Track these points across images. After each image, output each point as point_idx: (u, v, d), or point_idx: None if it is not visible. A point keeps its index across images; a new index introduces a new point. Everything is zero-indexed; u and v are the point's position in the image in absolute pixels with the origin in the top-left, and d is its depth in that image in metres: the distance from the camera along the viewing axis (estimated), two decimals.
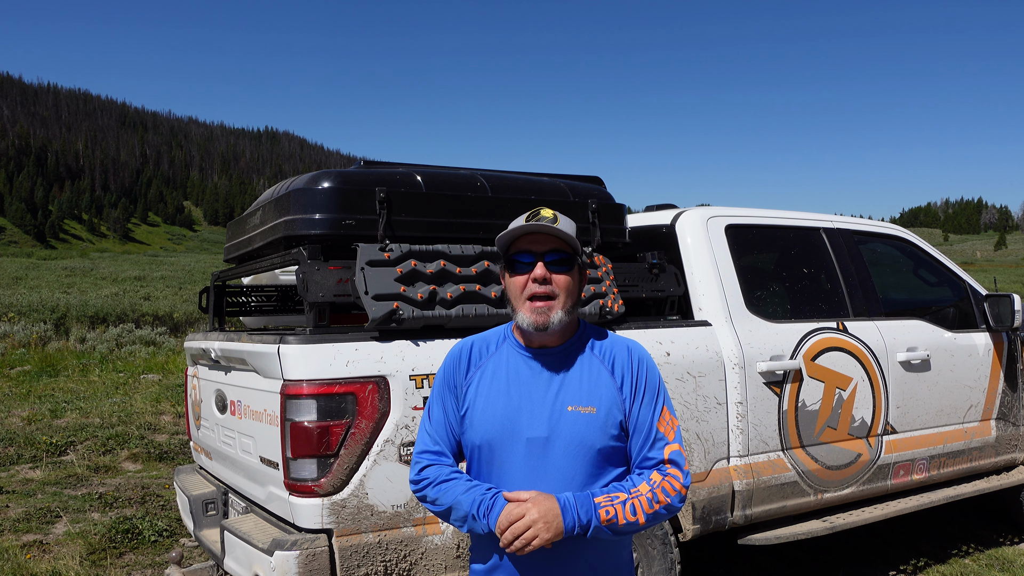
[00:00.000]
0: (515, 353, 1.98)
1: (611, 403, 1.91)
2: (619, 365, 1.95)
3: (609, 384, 1.93)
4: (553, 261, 1.90)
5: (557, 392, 1.91)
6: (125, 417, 8.92)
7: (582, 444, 1.87)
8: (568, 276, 1.92)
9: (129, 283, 41.24)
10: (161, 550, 5.11)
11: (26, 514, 5.72)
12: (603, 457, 1.90)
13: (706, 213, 4.03)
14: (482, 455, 1.94)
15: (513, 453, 1.89)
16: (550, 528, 1.76)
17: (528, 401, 1.91)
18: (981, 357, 4.72)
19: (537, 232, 1.91)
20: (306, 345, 2.89)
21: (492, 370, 1.97)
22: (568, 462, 1.87)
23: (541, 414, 1.89)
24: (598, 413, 1.89)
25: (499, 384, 1.94)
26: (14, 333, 16.95)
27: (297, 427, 2.84)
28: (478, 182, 3.42)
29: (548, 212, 1.94)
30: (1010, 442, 4.88)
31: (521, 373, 1.94)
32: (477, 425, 1.93)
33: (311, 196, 3.13)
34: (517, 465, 1.89)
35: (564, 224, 1.92)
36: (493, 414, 1.92)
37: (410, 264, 3.03)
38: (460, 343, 2.07)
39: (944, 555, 4.95)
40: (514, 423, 1.89)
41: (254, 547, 2.94)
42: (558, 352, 1.95)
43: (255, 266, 3.71)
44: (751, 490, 3.71)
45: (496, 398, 1.93)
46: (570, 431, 1.87)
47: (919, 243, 4.92)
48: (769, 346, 3.83)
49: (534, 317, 1.88)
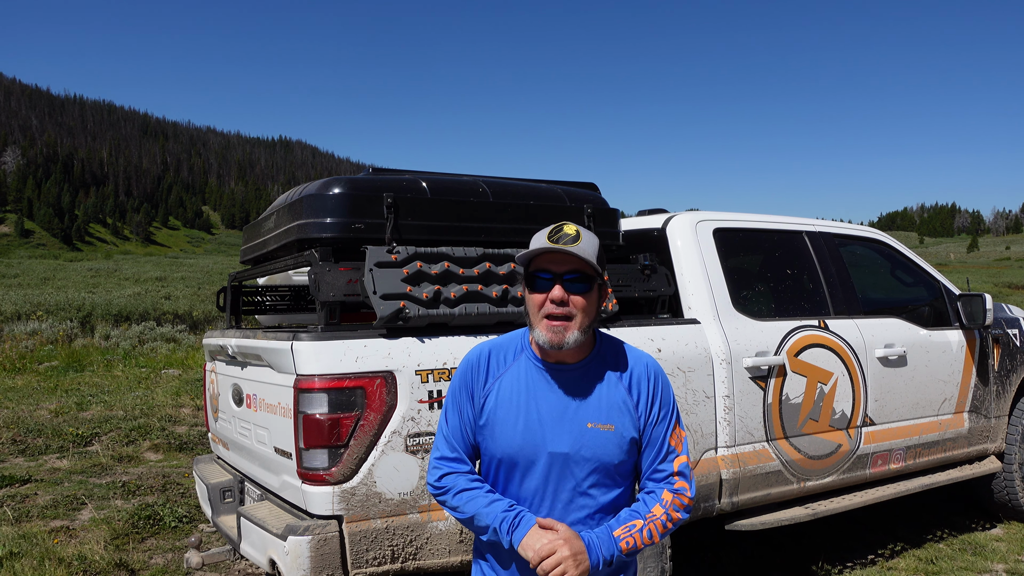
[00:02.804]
0: (533, 366, 1.92)
1: (627, 420, 1.89)
2: (635, 382, 1.92)
3: (626, 401, 1.90)
4: (571, 280, 1.82)
5: (576, 409, 1.87)
6: (147, 410, 8.92)
7: (600, 460, 1.86)
8: (586, 296, 1.84)
9: (151, 283, 41.22)
10: (181, 535, 5.11)
11: (54, 501, 5.72)
12: (617, 471, 1.90)
13: (695, 217, 4.03)
14: (502, 468, 1.91)
15: (533, 467, 1.87)
16: (579, 567, 1.76)
17: (548, 417, 1.87)
18: (955, 353, 4.71)
19: (558, 252, 1.81)
20: (318, 342, 2.89)
21: (511, 382, 1.91)
22: (585, 477, 1.87)
23: (561, 431, 1.85)
24: (616, 430, 1.87)
25: (519, 398, 1.89)
26: (42, 331, 16.94)
27: (309, 419, 2.84)
28: (480, 188, 3.42)
29: (571, 228, 1.83)
30: (982, 433, 4.87)
31: (540, 388, 1.89)
32: (499, 438, 1.89)
33: (323, 201, 3.13)
34: (536, 479, 1.87)
35: (586, 243, 1.81)
36: (514, 429, 1.87)
37: (416, 265, 3.03)
38: (477, 350, 1.99)
39: (920, 540, 4.95)
40: (535, 438, 1.86)
41: (269, 532, 2.93)
42: (576, 368, 1.90)
43: (270, 267, 3.71)
44: (738, 479, 3.70)
45: (517, 412, 1.88)
46: (590, 448, 1.85)
47: (896, 245, 4.92)
48: (755, 343, 3.82)
49: (550, 336, 1.82)
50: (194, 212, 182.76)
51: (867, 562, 4.56)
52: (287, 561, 2.80)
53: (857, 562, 4.55)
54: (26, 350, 14.36)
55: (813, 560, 4.53)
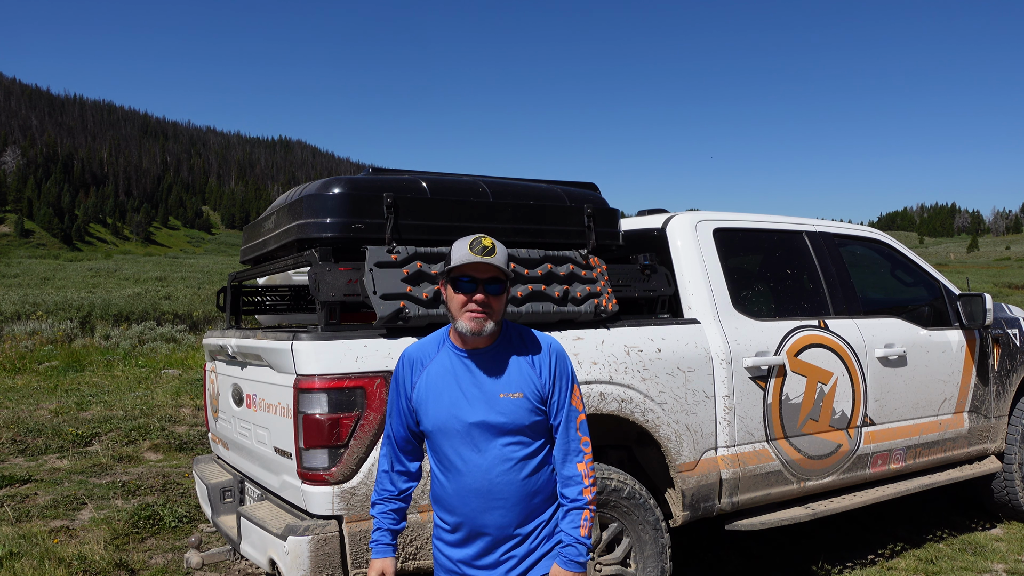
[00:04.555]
0: (454, 354, 2.30)
1: (532, 387, 2.26)
2: (537, 358, 2.30)
3: (530, 373, 2.27)
4: (490, 284, 2.22)
5: (491, 384, 2.25)
6: (147, 410, 8.92)
7: (514, 424, 2.23)
8: (500, 296, 2.25)
9: (151, 283, 41.22)
10: (181, 535, 5.10)
11: (54, 501, 5.72)
12: (531, 431, 2.26)
13: (695, 217, 4.03)
14: (435, 438, 2.29)
15: (461, 435, 2.24)
16: None
17: (467, 392, 2.25)
18: (954, 353, 4.71)
19: (480, 263, 2.20)
20: (318, 342, 2.89)
21: (437, 369, 2.30)
22: (503, 436, 2.23)
23: (479, 402, 2.23)
24: (524, 397, 2.24)
25: (443, 380, 2.28)
26: (42, 331, 16.93)
27: (309, 419, 2.84)
28: (480, 188, 3.42)
29: (488, 242, 2.23)
30: (982, 433, 4.87)
31: (459, 370, 2.28)
32: (430, 414, 2.27)
33: (323, 201, 3.13)
34: (466, 444, 2.24)
35: (500, 254, 2.23)
36: (440, 404, 2.26)
37: (416, 265, 3.03)
38: (407, 351, 2.37)
39: (919, 540, 4.94)
40: (459, 411, 2.24)
41: (269, 532, 2.94)
42: (487, 351, 2.28)
43: (270, 267, 3.71)
44: (737, 479, 3.70)
45: (441, 392, 2.27)
46: (504, 414, 2.23)
47: (896, 245, 4.92)
48: (755, 343, 3.82)
49: (472, 324, 2.20)
50: (194, 212, 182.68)
51: (867, 562, 4.56)
52: (287, 561, 2.80)
53: (857, 562, 4.55)
54: (26, 350, 14.36)
55: (813, 560, 4.53)
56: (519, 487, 2.25)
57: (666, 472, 3.56)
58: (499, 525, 2.25)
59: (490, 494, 2.23)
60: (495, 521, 2.25)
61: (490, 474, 2.23)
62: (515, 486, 2.24)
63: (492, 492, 2.23)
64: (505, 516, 2.25)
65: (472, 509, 2.26)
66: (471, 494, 2.25)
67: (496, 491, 2.23)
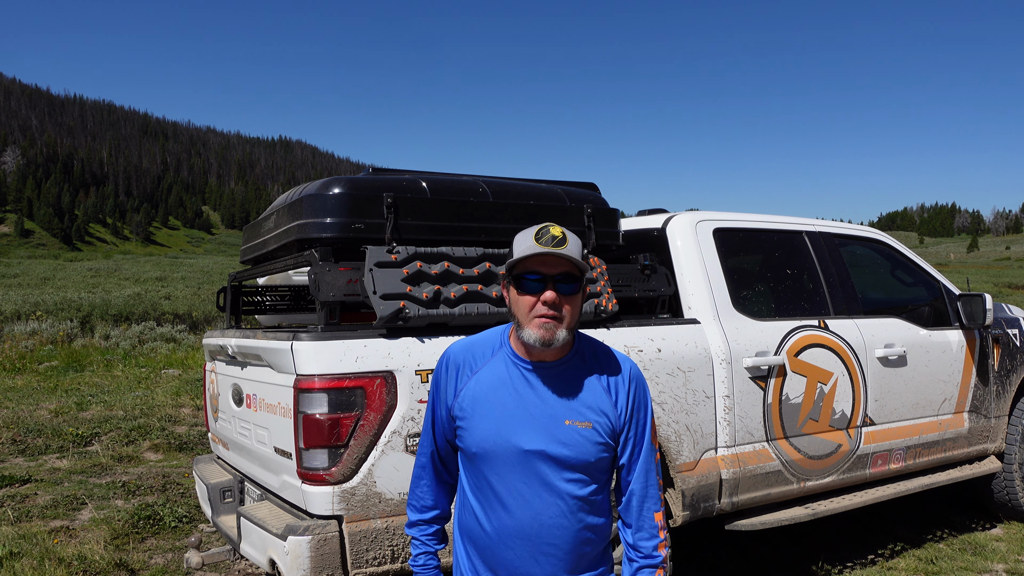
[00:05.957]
0: (512, 363, 1.92)
1: (604, 418, 1.89)
2: (613, 381, 1.93)
3: (603, 400, 1.90)
4: (562, 282, 1.83)
5: (555, 406, 1.87)
6: (147, 410, 8.92)
7: (578, 459, 1.86)
8: (575, 296, 1.86)
9: (151, 283, 41.23)
10: (181, 535, 5.11)
11: (53, 501, 5.72)
12: (595, 469, 1.90)
13: (695, 217, 4.03)
14: (477, 463, 1.91)
15: (510, 464, 1.87)
16: None
17: (525, 413, 1.87)
18: (955, 353, 4.71)
19: (548, 255, 1.81)
20: (318, 342, 2.89)
21: (488, 378, 1.92)
22: (565, 474, 1.87)
23: (539, 427, 1.85)
24: (593, 429, 1.87)
25: (496, 394, 1.89)
26: (42, 331, 16.93)
27: (309, 419, 2.84)
28: (480, 188, 3.42)
29: (557, 231, 1.83)
30: (982, 433, 4.87)
31: (519, 384, 1.89)
32: (476, 433, 1.89)
33: (323, 201, 3.13)
34: (517, 476, 1.87)
35: (573, 246, 1.84)
36: (487, 422, 1.88)
37: (416, 265, 3.02)
38: (453, 347, 2.00)
39: (920, 540, 4.94)
40: (511, 433, 1.86)
41: (269, 532, 2.93)
42: (556, 366, 1.90)
43: (270, 267, 3.71)
44: (737, 479, 3.70)
45: (493, 408, 1.88)
46: (567, 445, 1.85)
47: (896, 245, 4.92)
48: (755, 343, 3.82)
49: (542, 333, 1.81)
50: (194, 212, 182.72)
51: (867, 562, 4.56)
52: (287, 561, 2.80)
53: (857, 562, 4.55)
54: (26, 350, 14.36)
55: (813, 560, 4.53)
56: (575, 535, 1.89)
57: (666, 472, 3.56)
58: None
59: (540, 540, 1.87)
60: (542, 572, 1.89)
61: (542, 516, 1.87)
62: (570, 533, 1.88)
63: (543, 538, 1.87)
64: (555, 567, 1.89)
65: (516, 555, 1.89)
66: (516, 538, 1.88)
67: (548, 537, 1.87)
